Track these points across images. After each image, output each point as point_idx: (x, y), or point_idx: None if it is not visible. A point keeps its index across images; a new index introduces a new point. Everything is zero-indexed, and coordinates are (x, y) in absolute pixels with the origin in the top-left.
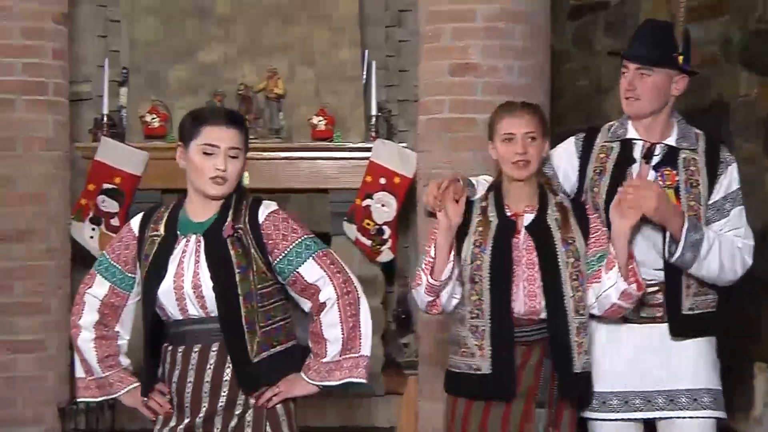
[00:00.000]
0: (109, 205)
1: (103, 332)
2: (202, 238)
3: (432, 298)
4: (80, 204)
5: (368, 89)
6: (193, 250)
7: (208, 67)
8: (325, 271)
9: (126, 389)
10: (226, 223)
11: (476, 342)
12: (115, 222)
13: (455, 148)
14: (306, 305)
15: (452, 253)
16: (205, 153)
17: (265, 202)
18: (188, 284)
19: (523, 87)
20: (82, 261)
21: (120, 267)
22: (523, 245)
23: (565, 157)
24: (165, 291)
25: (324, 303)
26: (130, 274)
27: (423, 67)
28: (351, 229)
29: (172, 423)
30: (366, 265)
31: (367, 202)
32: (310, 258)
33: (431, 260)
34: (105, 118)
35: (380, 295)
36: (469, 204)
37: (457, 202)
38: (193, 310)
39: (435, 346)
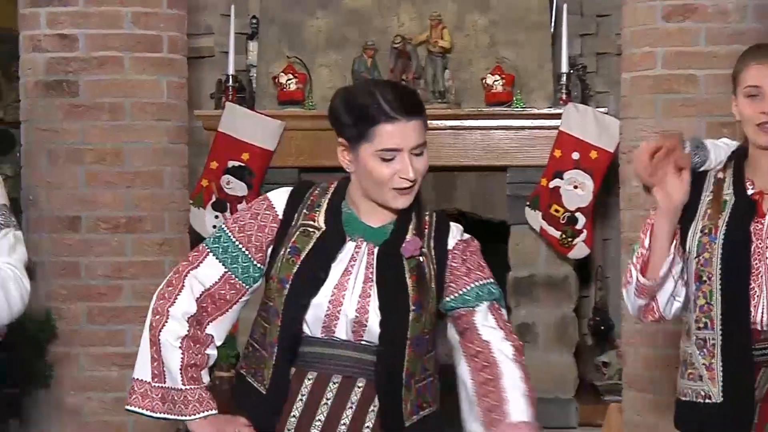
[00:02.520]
0: (236, 187)
1: (196, 332)
2: (375, 251)
3: (645, 302)
4: (201, 186)
5: (557, 40)
6: (363, 262)
7: (357, 14)
8: (501, 325)
9: (202, 415)
10: (408, 239)
11: (704, 360)
12: (243, 207)
13: (670, 113)
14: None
15: (674, 243)
16: (384, 159)
17: (453, 224)
18: (351, 305)
19: (760, 34)
20: None
21: (247, 252)
22: (767, 235)
23: None
24: (317, 302)
25: (495, 358)
26: (258, 264)
27: (628, 10)
28: (535, 217)
29: None
30: (554, 263)
31: (556, 182)
32: (490, 303)
33: (645, 252)
34: (231, 80)
35: (572, 301)
36: (699, 176)
37: (680, 172)
38: (342, 333)
39: (643, 366)
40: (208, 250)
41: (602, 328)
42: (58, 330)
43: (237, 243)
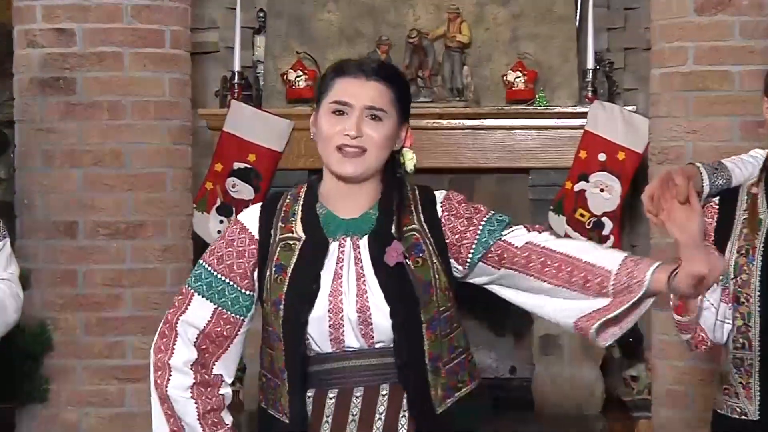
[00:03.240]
0: (242, 191)
1: (203, 376)
2: (361, 243)
3: (690, 335)
4: (205, 189)
5: (583, 34)
6: (350, 260)
7: (370, 6)
8: (528, 228)
9: None
10: (395, 225)
11: (741, 379)
12: None
13: (703, 111)
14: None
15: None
16: (334, 113)
17: (438, 191)
18: (351, 307)
19: None
20: None
21: (232, 282)
22: None
23: None
24: (317, 316)
25: (547, 248)
26: (247, 292)
27: (658, 2)
28: (559, 222)
29: None
30: None
31: (582, 185)
32: (504, 229)
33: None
34: (236, 77)
35: None
36: (730, 194)
37: (687, 203)
38: (353, 341)
39: (674, 380)
40: (192, 291)
41: (630, 339)
42: (54, 342)
43: (219, 276)
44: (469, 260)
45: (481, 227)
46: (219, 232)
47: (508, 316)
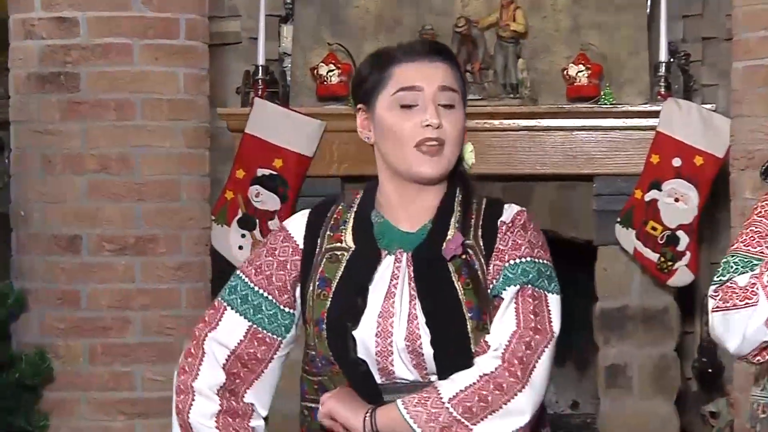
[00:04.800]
0: (267, 200)
1: (232, 404)
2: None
3: None
4: (224, 199)
5: (655, 22)
6: (405, 277)
7: None
8: (520, 317)
9: None
10: (449, 236)
11: None
12: (275, 225)
13: None
14: None
15: None
16: (402, 106)
17: (508, 204)
18: (401, 332)
19: None
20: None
21: (271, 297)
22: None
23: None
24: (363, 339)
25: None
26: (286, 309)
27: None
28: (627, 236)
29: None
30: (651, 291)
31: (653, 194)
32: (521, 286)
33: None
34: (261, 72)
35: (673, 338)
36: None
37: None
38: (403, 372)
39: None
40: (225, 304)
41: (710, 371)
42: (54, 372)
43: (256, 288)
44: (492, 288)
45: (511, 262)
46: (240, 247)
47: (570, 343)
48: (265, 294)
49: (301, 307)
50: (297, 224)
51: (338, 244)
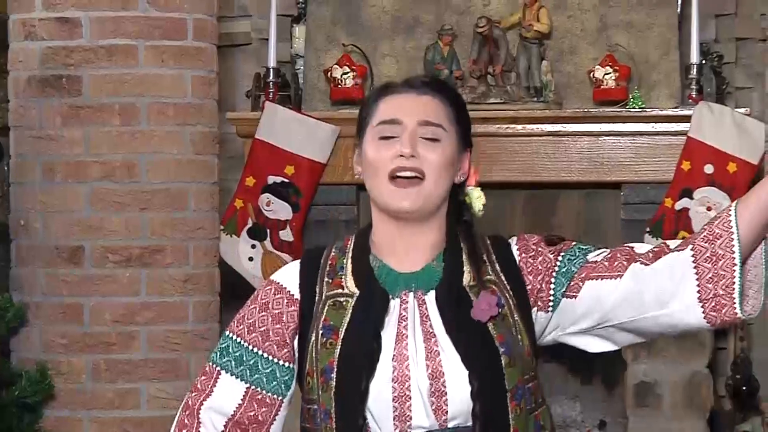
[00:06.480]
0: (278, 210)
1: None
2: (427, 299)
3: None
4: (234, 208)
5: (686, 22)
6: (416, 317)
7: None
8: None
9: None
10: (467, 275)
11: None
12: (286, 235)
13: None
14: None
15: None
16: (381, 138)
17: (510, 237)
18: (421, 373)
19: None
20: (235, 297)
21: (267, 354)
22: None
23: None
24: (378, 386)
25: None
26: (285, 363)
27: None
28: None
29: None
30: None
31: (684, 203)
32: (593, 250)
33: None
34: (272, 74)
35: (705, 355)
36: None
37: None
38: (421, 418)
39: None
40: (218, 369)
41: (744, 388)
42: (55, 389)
43: (250, 347)
44: (552, 299)
45: (560, 257)
46: (250, 258)
47: (597, 360)
48: (261, 352)
49: (299, 360)
50: (288, 275)
51: (340, 291)
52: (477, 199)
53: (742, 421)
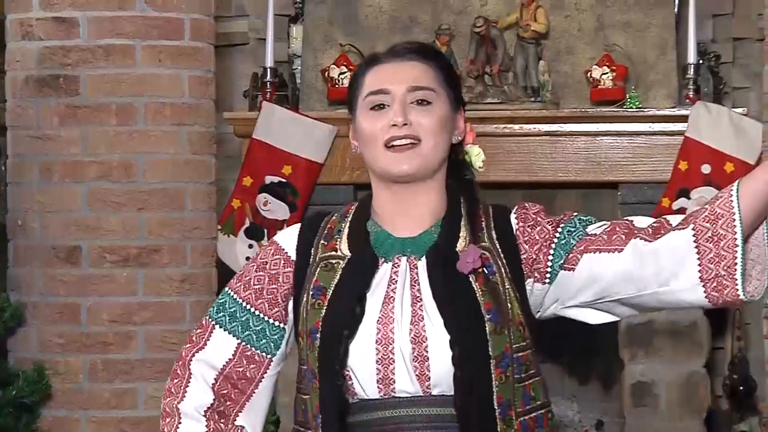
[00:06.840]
0: (276, 209)
1: (220, 426)
2: (419, 264)
3: None
4: (231, 208)
5: (683, 22)
6: (406, 281)
7: None
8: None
9: None
10: (462, 241)
11: None
12: None
13: None
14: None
15: None
16: (372, 109)
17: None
18: (404, 337)
19: None
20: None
21: (258, 312)
22: None
23: None
24: (361, 347)
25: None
26: (275, 323)
27: None
28: None
29: None
30: None
31: (682, 203)
32: (593, 222)
33: None
34: (269, 74)
35: (702, 354)
36: None
37: None
38: (405, 383)
39: None
40: (213, 322)
41: (741, 388)
42: (53, 389)
43: (244, 304)
44: (549, 271)
45: (560, 229)
46: (248, 258)
47: (594, 359)
48: (253, 309)
49: (294, 321)
50: (288, 237)
51: (333, 253)
52: (476, 156)
53: (740, 421)
